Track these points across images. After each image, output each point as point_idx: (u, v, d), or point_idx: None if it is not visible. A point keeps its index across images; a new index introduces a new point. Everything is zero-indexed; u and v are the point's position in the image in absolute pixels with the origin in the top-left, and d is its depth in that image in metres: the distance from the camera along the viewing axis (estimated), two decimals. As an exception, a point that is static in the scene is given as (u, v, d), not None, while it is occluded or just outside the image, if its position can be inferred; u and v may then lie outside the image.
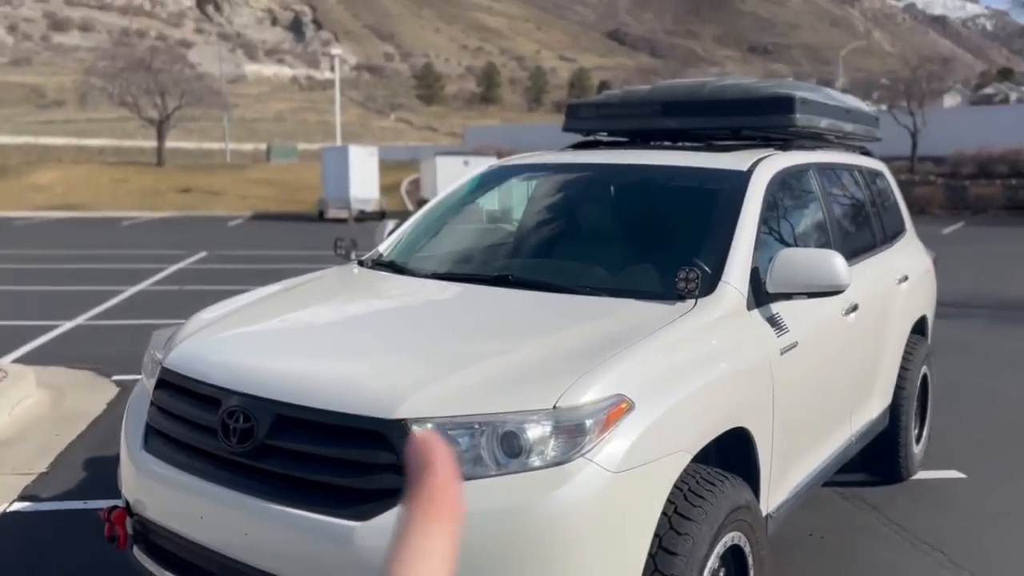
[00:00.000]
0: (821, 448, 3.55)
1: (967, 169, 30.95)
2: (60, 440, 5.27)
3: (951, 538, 4.08)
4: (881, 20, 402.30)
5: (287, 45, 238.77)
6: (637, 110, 4.31)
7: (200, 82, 45.02)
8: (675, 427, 2.39)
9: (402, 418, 2.18)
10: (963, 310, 10.71)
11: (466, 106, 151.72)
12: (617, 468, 2.20)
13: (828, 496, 4.59)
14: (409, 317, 3.07)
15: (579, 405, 2.21)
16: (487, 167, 4.27)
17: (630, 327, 2.61)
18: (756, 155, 3.62)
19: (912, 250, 4.98)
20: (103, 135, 75.16)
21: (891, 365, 4.39)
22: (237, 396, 2.40)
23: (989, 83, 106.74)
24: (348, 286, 3.49)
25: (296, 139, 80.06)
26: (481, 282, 3.21)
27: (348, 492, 2.19)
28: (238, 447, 2.34)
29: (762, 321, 3.00)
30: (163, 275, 13.50)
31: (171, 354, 2.74)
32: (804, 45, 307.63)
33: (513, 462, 2.17)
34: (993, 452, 5.39)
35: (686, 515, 2.37)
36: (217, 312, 3.10)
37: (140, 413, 2.78)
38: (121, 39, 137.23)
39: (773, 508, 3.08)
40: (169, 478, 2.52)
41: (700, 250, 3.11)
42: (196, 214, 30.19)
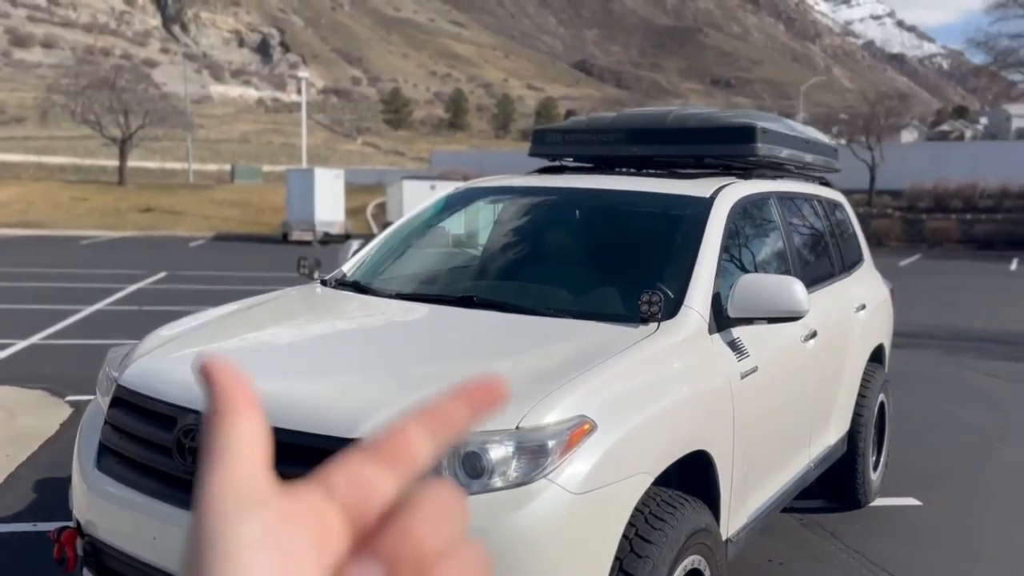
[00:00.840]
0: (780, 473, 3.58)
1: (924, 203, 31.71)
2: (10, 461, 5.13)
3: (907, 565, 4.13)
4: (841, 57, 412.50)
5: (254, 67, 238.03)
6: (602, 136, 4.36)
7: (164, 102, 44.63)
8: (637, 449, 2.40)
9: (362, 438, 2.15)
10: (919, 340, 10.92)
11: (433, 131, 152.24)
12: (579, 489, 2.19)
13: (787, 522, 4.62)
14: (371, 337, 3.05)
15: (542, 426, 2.21)
16: (453, 189, 4.28)
17: (593, 349, 2.62)
18: (718, 182, 3.68)
19: (870, 280, 5.08)
20: (64, 153, 74.06)
21: (849, 392, 4.45)
22: (193, 414, 2.35)
23: (945, 120, 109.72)
24: (310, 305, 3.47)
25: (261, 161, 79.54)
26: (445, 303, 3.20)
27: (306, 512, 2.16)
28: (193, 466, 2.30)
29: (723, 345, 3.03)
30: (121, 295, 13.28)
31: (127, 371, 2.69)
32: (766, 80, 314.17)
33: (475, 483, 2.16)
34: (948, 480, 5.47)
35: (647, 538, 2.37)
36: (176, 330, 3.05)
37: (94, 431, 2.72)
38: (85, 57, 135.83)
39: (733, 532, 3.09)
40: (122, 498, 2.46)
41: (663, 274, 3.15)
42: (157, 234, 29.80)
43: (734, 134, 3.99)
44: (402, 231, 4.08)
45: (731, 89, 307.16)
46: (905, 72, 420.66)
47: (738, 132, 3.97)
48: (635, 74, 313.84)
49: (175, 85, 63.04)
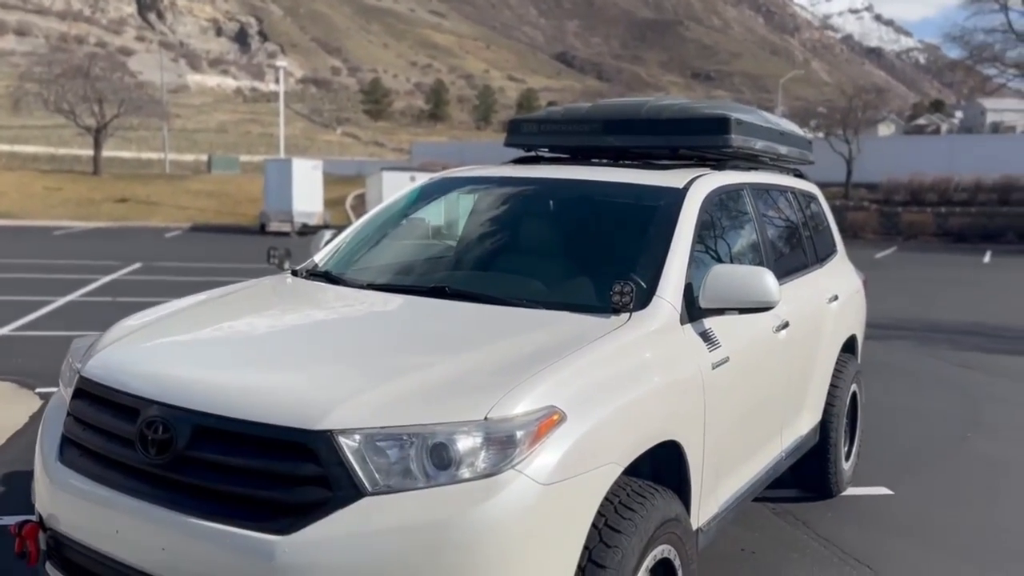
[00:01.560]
0: (752, 463, 3.59)
1: (899, 196, 32.02)
2: (-24, 454, 5.05)
3: (878, 554, 4.16)
4: (819, 50, 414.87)
5: (232, 56, 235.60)
6: (578, 127, 4.34)
7: (140, 91, 44.13)
8: (607, 439, 2.39)
9: (328, 429, 2.13)
10: (893, 332, 11.02)
11: (414, 122, 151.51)
12: (548, 480, 2.18)
13: (759, 511, 4.65)
14: (340, 327, 3.01)
15: (510, 416, 2.19)
16: (428, 179, 4.25)
17: (564, 339, 2.61)
18: (692, 173, 3.67)
19: (843, 271, 5.10)
20: (37, 142, 73.02)
21: (821, 382, 4.47)
22: (156, 406, 2.32)
23: (922, 114, 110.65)
24: (279, 296, 3.43)
25: (239, 151, 78.78)
26: (418, 293, 3.17)
27: (270, 505, 2.13)
28: (156, 458, 2.26)
29: (695, 336, 3.03)
30: (95, 286, 13.12)
31: (90, 362, 2.65)
32: (745, 73, 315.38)
33: (443, 474, 2.14)
34: (919, 469, 5.52)
35: (616, 527, 2.36)
36: (141, 320, 3.01)
37: (56, 424, 2.68)
38: (59, 44, 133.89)
39: (704, 522, 3.10)
40: (84, 491, 2.42)
41: (636, 265, 3.13)
42: (132, 225, 29.52)
43: (708, 125, 3.97)
44: (375, 221, 4.04)
45: (711, 82, 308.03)
46: (882, 66, 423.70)
47: (712, 123, 3.96)
48: (616, 66, 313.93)
49: (151, 74, 62.29)
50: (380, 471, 2.13)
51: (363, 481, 2.11)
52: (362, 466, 2.12)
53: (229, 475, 2.20)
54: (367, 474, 2.12)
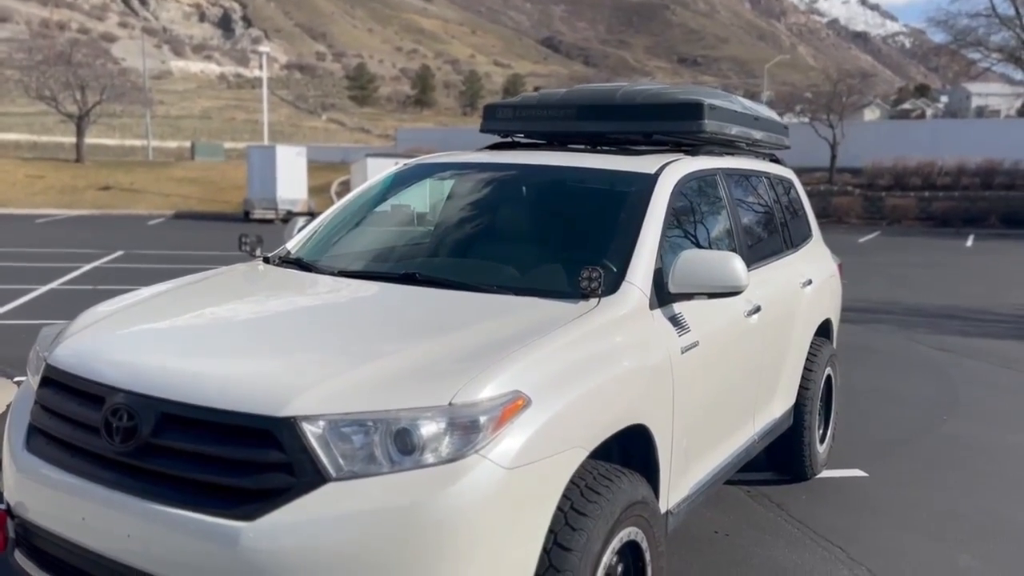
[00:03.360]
0: (723, 446, 3.62)
1: (883, 181, 32.11)
2: (-48, 444, 5.02)
3: (851, 535, 4.21)
4: (806, 35, 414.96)
5: (215, 42, 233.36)
6: (553, 113, 4.33)
7: (122, 77, 43.64)
8: (572, 423, 2.41)
9: (291, 416, 2.14)
10: (874, 315, 11.11)
11: (400, 108, 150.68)
12: (511, 464, 2.20)
13: (734, 494, 4.69)
14: (309, 315, 3.02)
15: (474, 402, 2.21)
16: (402, 164, 4.24)
17: (531, 325, 2.62)
18: (664, 159, 3.68)
19: (818, 255, 5.12)
20: (19, 129, 72.10)
21: (795, 366, 4.50)
22: (121, 394, 2.32)
23: (907, 99, 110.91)
24: (250, 283, 3.42)
25: (223, 137, 78.10)
26: (388, 280, 3.18)
27: (235, 492, 2.14)
28: (121, 446, 2.27)
29: (664, 320, 3.05)
30: (76, 274, 13.04)
31: (56, 350, 2.65)
32: (732, 58, 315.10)
33: (407, 459, 2.15)
34: (894, 452, 5.58)
35: (581, 511, 2.39)
36: (109, 308, 3.01)
37: (24, 412, 2.67)
38: (40, 30, 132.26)
39: (674, 504, 3.13)
40: (51, 479, 2.42)
41: (606, 250, 3.15)
42: (115, 212, 29.29)
43: (682, 111, 3.98)
44: (350, 208, 4.03)
45: (698, 67, 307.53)
46: (868, 50, 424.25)
47: (686, 108, 3.96)
48: (602, 51, 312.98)
49: (134, 60, 61.62)
50: (344, 457, 2.14)
51: (327, 467, 2.12)
52: (326, 452, 2.13)
53: (194, 462, 2.21)
54: (331, 460, 2.13)
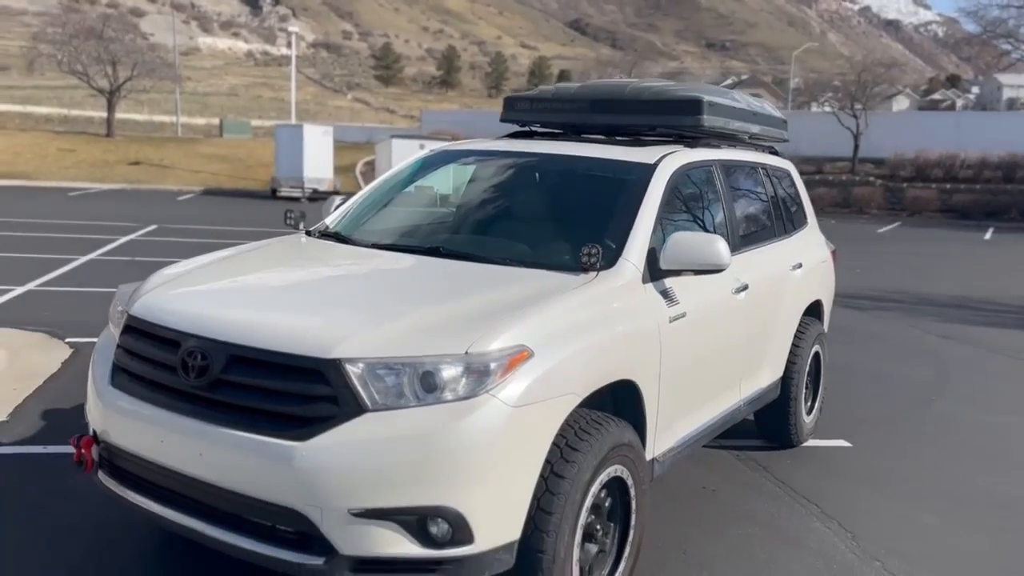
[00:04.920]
0: (708, 407, 4.06)
1: (905, 172, 32.18)
2: (18, 394, 5.57)
3: (827, 495, 4.64)
4: (836, 22, 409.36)
5: (243, 19, 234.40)
6: (567, 105, 4.77)
7: (152, 53, 44.30)
8: (568, 373, 2.86)
9: (337, 358, 2.61)
10: (882, 304, 11.46)
11: (425, 89, 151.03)
12: (516, 403, 2.66)
13: (725, 457, 5.14)
14: (348, 278, 3.50)
15: (486, 352, 2.67)
16: (429, 151, 4.70)
17: (537, 291, 3.08)
18: (664, 150, 4.10)
19: (811, 242, 5.51)
20: (50, 103, 73.30)
21: (782, 341, 4.92)
22: (194, 339, 2.80)
23: (937, 89, 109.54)
24: (296, 251, 3.91)
25: (250, 115, 78.96)
26: (416, 252, 3.64)
27: (289, 418, 2.62)
28: (196, 381, 2.75)
29: (655, 293, 3.49)
30: (113, 246, 13.64)
31: (136, 304, 3.14)
32: (761, 44, 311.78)
33: (430, 396, 2.62)
34: (880, 426, 5.99)
35: (574, 447, 2.85)
36: (176, 270, 3.50)
37: (107, 355, 3.17)
38: (71, 5, 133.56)
39: (660, 453, 3.58)
40: (133, 409, 2.92)
41: (606, 230, 3.59)
42: (145, 188, 29.98)
43: (683, 106, 4.39)
44: (381, 188, 4.50)
45: (726, 52, 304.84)
46: (900, 39, 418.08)
47: (686, 104, 4.38)
48: (630, 35, 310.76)
49: (163, 36, 62.34)
50: (379, 393, 2.61)
51: (365, 400, 2.59)
52: (364, 388, 2.60)
53: (256, 394, 2.69)
54: (368, 395, 2.60)
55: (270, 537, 2.66)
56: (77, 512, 3.89)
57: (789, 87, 62.20)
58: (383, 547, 2.56)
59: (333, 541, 2.55)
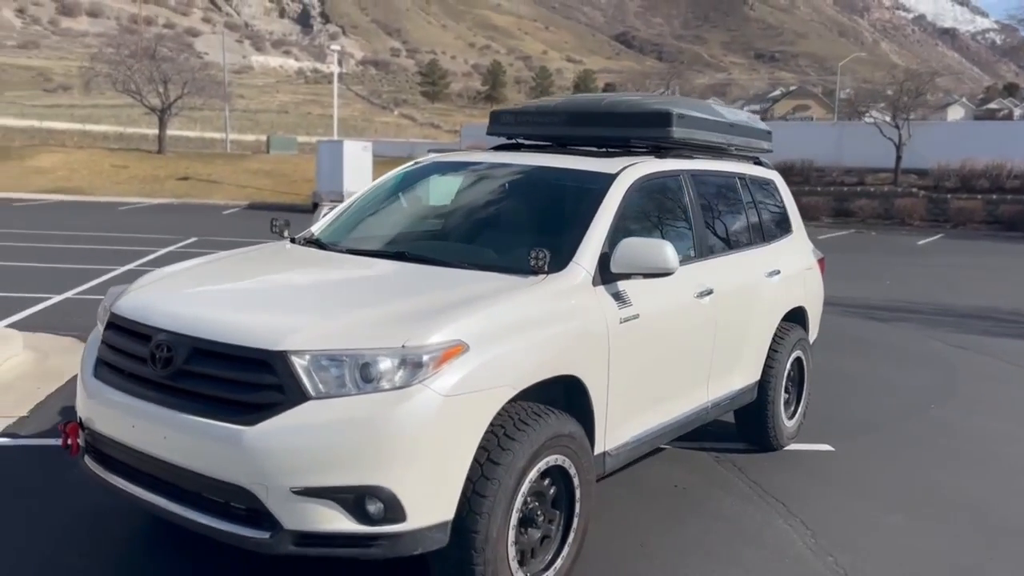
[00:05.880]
0: (668, 406, 4.22)
1: (950, 183, 31.60)
2: (40, 392, 5.96)
3: (797, 496, 4.75)
4: (889, 31, 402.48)
5: (294, 37, 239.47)
6: (548, 119, 5.00)
7: (203, 72, 45.57)
8: (503, 367, 3.08)
9: (284, 350, 2.86)
10: (902, 314, 11.40)
11: (470, 104, 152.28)
12: (447, 393, 2.88)
13: (703, 458, 5.28)
14: (313, 280, 3.77)
15: (421, 346, 2.90)
16: (412, 163, 4.96)
17: (483, 292, 3.30)
18: (628, 161, 4.30)
19: (793, 250, 5.63)
20: (107, 121, 75.72)
21: (757, 346, 5.05)
22: (163, 333, 3.09)
23: (995, 97, 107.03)
24: (275, 257, 4.20)
25: (298, 131, 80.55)
26: (384, 257, 3.90)
27: (240, 405, 2.88)
28: (161, 371, 3.03)
29: (606, 295, 3.68)
30: (151, 257, 14.20)
31: (117, 303, 3.45)
32: (811, 54, 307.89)
33: (368, 385, 2.86)
34: (868, 432, 6.05)
35: (511, 436, 3.06)
36: (159, 273, 3.82)
37: (93, 350, 3.48)
38: (129, 26, 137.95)
39: (612, 448, 3.76)
40: (111, 398, 3.21)
41: (562, 236, 3.80)
42: (193, 202, 30.89)
43: (653, 119, 4.59)
44: (366, 198, 4.78)
45: (775, 63, 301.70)
46: (956, 47, 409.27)
47: (656, 117, 4.57)
48: (677, 47, 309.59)
49: (217, 55, 63.97)
50: (322, 382, 2.85)
51: (308, 389, 2.84)
52: (308, 378, 2.85)
53: (213, 383, 2.96)
54: (312, 384, 2.84)
55: (225, 514, 2.92)
56: (79, 496, 4.22)
57: (840, 96, 61.37)
58: (323, 523, 2.80)
59: (278, 517, 2.80)
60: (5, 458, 4.83)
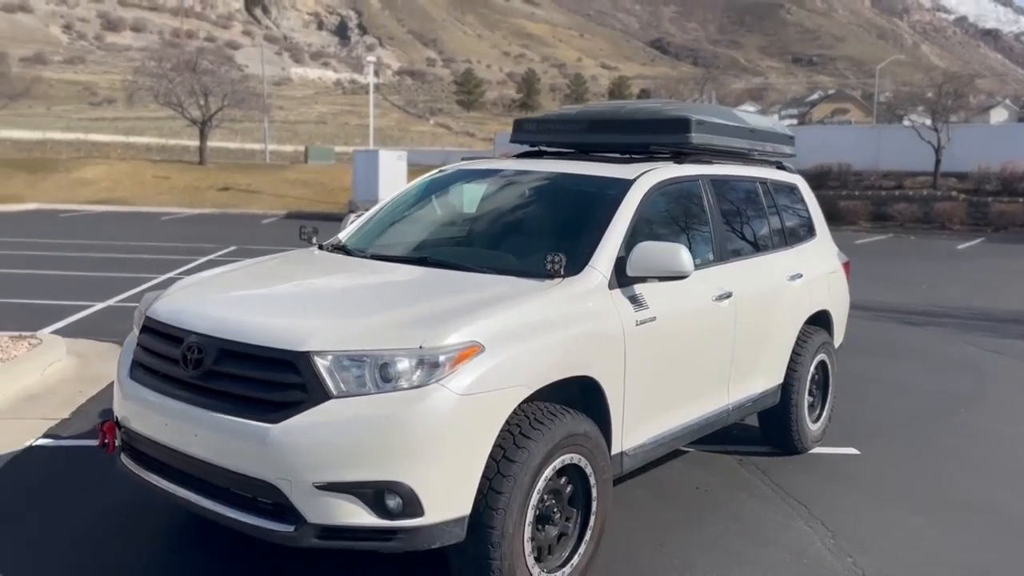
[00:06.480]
0: (688, 408, 4.28)
1: (991, 186, 31.03)
2: (82, 395, 6.19)
3: (819, 498, 4.77)
4: (930, 33, 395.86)
5: (332, 49, 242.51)
6: (569, 126, 5.10)
7: (242, 84, 46.39)
8: (518, 367, 3.17)
9: (307, 350, 2.99)
10: (938, 319, 11.27)
11: (505, 112, 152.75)
12: (463, 392, 2.98)
13: (726, 461, 5.31)
14: (337, 284, 3.91)
15: (437, 347, 3.01)
16: (435, 172, 5.09)
17: (500, 295, 3.41)
18: (646, 167, 4.38)
19: (817, 253, 5.64)
20: (150, 133, 77.33)
21: (779, 348, 5.08)
22: (194, 335, 3.23)
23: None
24: (303, 263, 4.34)
25: (336, 142, 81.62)
26: (407, 262, 4.02)
27: (266, 403, 3.01)
28: (192, 372, 3.18)
29: (622, 298, 3.76)
30: (191, 265, 14.52)
31: (152, 307, 3.61)
32: (850, 57, 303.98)
33: (387, 385, 2.97)
34: (895, 436, 6.03)
35: (527, 435, 3.16)
36: (193, 279, 3.98)
37: (129, 352, 3.64)
38: (171, 40, 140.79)
39: (629, 448, 3.83)
40: (145, 398, 3.36)
41: (578, 240, 3.89)
42: (233, 212, 31.45)
43: (672, 125, 4.67)
44: (391, 206, 4.92)
45: (813, 67, 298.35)
46: (999, 48, 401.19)
47: (675, 123, 4.65)
48: (713, 52, 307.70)
49: (257, 67, 65.12)
50: (343, 381, 2.97)
51: (330, 388, 2.96)
52: (330, 377, 2.97)
53: (240, 383, 3.09)
54: (334, 383, 2.97)
55: (252, 508, 3.05)
56: (114, 494, 4.40)
57: (880, 99, 60.57)
58: (344, 517, 2.92)
59: (302, 511, 2.92)
60: (48, 458, 5.04)
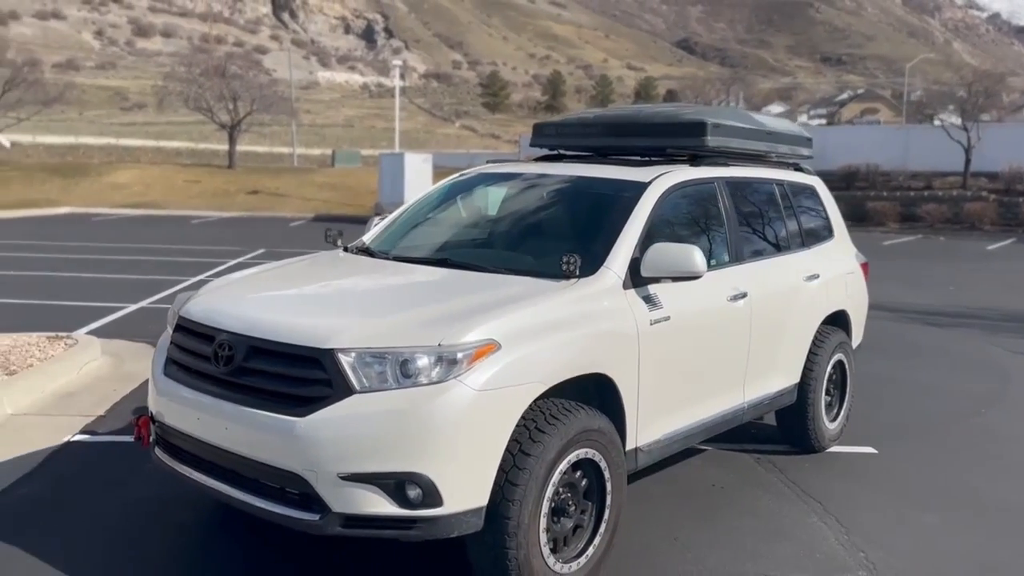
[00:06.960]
0: (703, 406, 4.36)
1: (1022, 186, 30.65)
2: (117, 394, 6.40)
3: (834, 496, 4.83)
4: (962, 31, 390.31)
5: (359, 53, 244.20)
6: (587, 130, 5.21)
7: (270, 88, 46.95)
8: (533, 364, 3.29)
9: (332, 348, 3.13)
10: (963, 320, 11.22)
11: (531, 114, 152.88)
12: (480, 388, 3.11)
13: (743, 459, 5.39)
14: (361, 285, 4.05)
15: (455, 344, 3.14)
16: (457, 176, 5.22)
17: (517, 295, 3.53)
18: (661, 169, 4.48)
19: (834, 254, 5.69)
20: (180, 138, 78.49)
21: (796, 348, 5.15)
22: (225, 333, 3.39)
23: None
24: (328, 264, 4.50)
25: (363, 145, 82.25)
26: (427, 263, 4.16)
27: (293, 398, 3.16)
28: (223, 368, 3.33)
29: (637, 298, 3.86)
30: (222, 268, 14.80)
31: (185, 307, 3.78)
32: (880, 56, 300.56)
33: (407, 381, 3.11)
34: (914, 436, 6.06)
35: (542, 429, 3.28)
36: (223, 281, 4.15)
37: (163, 350, 3.81)
38: (200, 45, 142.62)
39: (644, 444, 3.93)
40: (179, 393, 3.53)
41: (594, 242, 4.00)
42: (262, 215, 31.85)
43: (688, 128, 4.76)
44: (414, 208, 5.06)
45: (842, 66, 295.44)
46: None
47: (691, 127, 4.74)
48: (740, 51, 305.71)
49: (285, 71, 65.86)
50: (366, 377, 3.11)
51: (354, 384, 3.10)
52: (353, 373, 3.11)
53: (269, 378, 3.25)
54: (357, 379, 3.10)
55: (280, 498, 3.19)
56: (147, 487, 4.57)
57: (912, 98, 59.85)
58: (367, 506, 3.06)
59: (327, 500, 3.06)
60: (85, 453, 5.24)
